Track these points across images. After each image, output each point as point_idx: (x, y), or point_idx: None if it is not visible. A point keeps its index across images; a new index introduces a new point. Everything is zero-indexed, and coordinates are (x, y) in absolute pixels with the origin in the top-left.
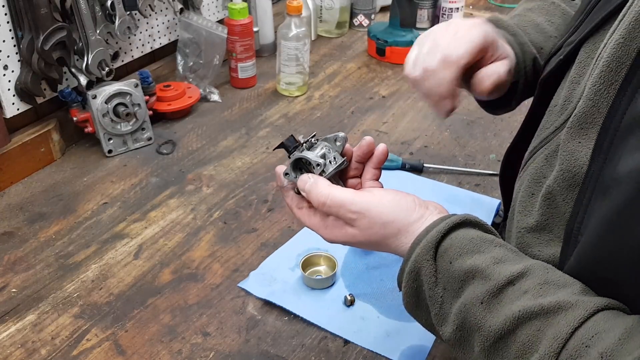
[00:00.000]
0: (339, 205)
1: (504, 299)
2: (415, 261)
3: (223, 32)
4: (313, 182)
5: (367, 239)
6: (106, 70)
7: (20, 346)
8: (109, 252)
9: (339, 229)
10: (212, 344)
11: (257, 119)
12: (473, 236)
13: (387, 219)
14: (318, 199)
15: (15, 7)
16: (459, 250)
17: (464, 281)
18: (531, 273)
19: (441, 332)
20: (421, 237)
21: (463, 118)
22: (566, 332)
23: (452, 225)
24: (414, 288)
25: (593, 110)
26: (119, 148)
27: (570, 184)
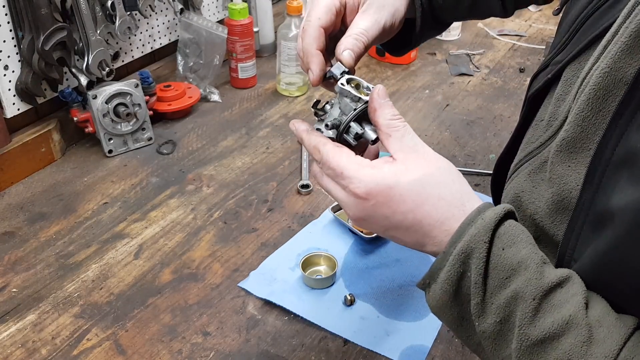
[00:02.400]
0: (411, 131)
1: (554, 300)
2: (469, 241)
3: (223, 33)
4: (386, 93)
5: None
6: (106, 70)
7: (20, 346)
8: (110, 252)
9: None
10: (212, 344)
11: (257, 119)
12: (523, 228)
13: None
14: (394, 110)
15: (15, 8)
16: (513, 239)
17: (514, 270)
18: (575, 277)
19: (477, 324)
20: (473, 216)
21: (463, 118)
22: (614, 352)
23: (507, 212)
24: (459, 273)
25: (582, 136)
26: (120, 148)
27: (559, 207)
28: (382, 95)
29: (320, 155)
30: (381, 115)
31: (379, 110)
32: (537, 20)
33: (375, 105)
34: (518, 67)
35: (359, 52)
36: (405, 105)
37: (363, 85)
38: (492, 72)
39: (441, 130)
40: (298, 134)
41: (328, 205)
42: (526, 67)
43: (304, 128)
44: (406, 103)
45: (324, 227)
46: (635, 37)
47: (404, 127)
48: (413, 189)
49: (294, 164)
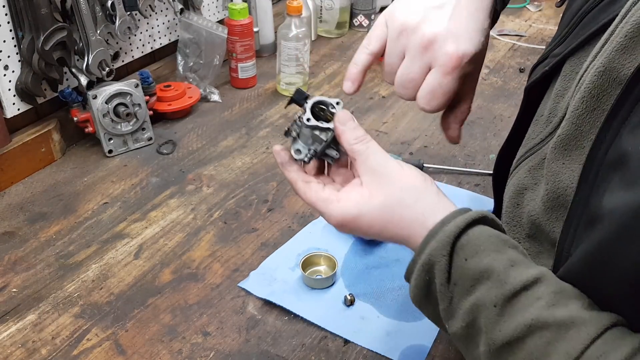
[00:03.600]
0: (375, 151)
1: (517, 305)
2: (429, 254)
3: (223, 33)
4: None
5: (381, 207)
6: (106, 70)
7: (20, 346)
8: (110, 252)
9: (352, 195)
10: (213, 344)
11: (257, 119)
12: (490, 234)
13: (408, 182)
14: (356, 133)
15: (15, 8)
16: (476, 249)
17: (477, 280)
18: (545, 279)
19: (448, 326)
20: (437, 229)
21: None
22: (578, 350)
23: (470, 222)
24: (425, 280)
25: (576, 134)
26: (120, 148)
27: (554, 204)
28: (342, 121)
29: (295, 188)
30: (344, 141)
31: (342, 137)
32: (537, 20)
33: (338, 133)
34: (518, 67)
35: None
36: (405, 105)
37: (328, 104)
38: (492, 72)
39: (441, 130)
40: (278, 164)
41: None
42: (526, 67)
43: (280, 160)
44: (406, 103)
45: (324, 227)
46: (630, 37)
47: (366, 149)
48: (376, 215)
49: None
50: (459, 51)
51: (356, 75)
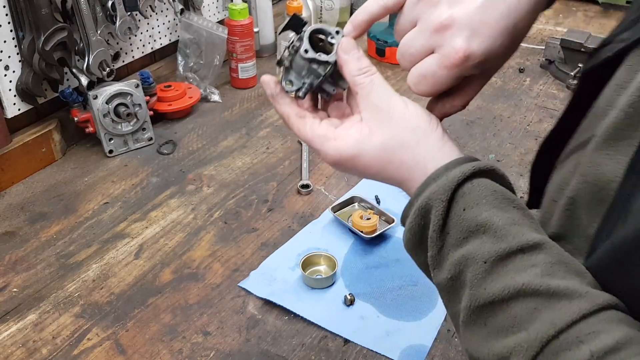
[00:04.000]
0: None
1: (509, 266)
2: (428, 198)
3: (223, 33)
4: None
5: (380, 147)
6: (107, 70)
7: (21, 345)
8: (110, 252)
9: (351, 132)
10: (213, 344)
11: (257, 119)
12: (495, 189)
13: (411, 123)
14: (360, 64)
15: (16, 8)
16: (477, 200)
17: (472, 232)
18: (546, 248)
19: (433, 275)
20: (439, 173)
21: (463, 118)
22: (565, 322)
23: (476, 171)
24: (420, 225)
25: (627, 123)
26: (120, 148)
27: (596, 197)
28: (346, 49)
29: (288, 123)
30: (347, 72)
31: (344, 67)
32: (537, 21)
33: (340, 63)
34: (518, 67)
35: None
36: None
37: (328, 33)
38: None
39: None
40: (268, 96)
41: (328, 205)
42: (526, 67)
43: (270, 92)
44: None
45: (324, 227)
46: None
47: (370, 82)
48: (375, 156)
49: (294, 164)
50: (467, 49)
51: (360, 22)
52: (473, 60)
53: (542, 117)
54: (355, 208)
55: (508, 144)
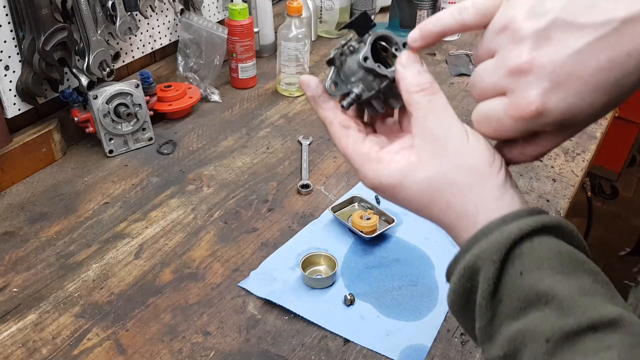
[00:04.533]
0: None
1: (577, 346)
2: (476, 256)
3: (223, 33)
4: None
5: (427, 183)
6: (107, 70)
7: (21, 345)
8: (110, 252)
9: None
10: (213, 343)
11: (257, 119)
12: (562, 250)
13: (468, 161)
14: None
15: (16, 8)
16: (537, 263)
17: (531, 303)
18: (625, 325)
19: (483, 349)
20: (492, 227)
21: (463, 118)
22: None
23: (537, 227)
24: (466, 288)
25: None
26: (120, 148)
27: None
28: (406, 63)
29: (329, 131)
30: (403, 88)
31: (401, 82)
32: None
33: (398, 77)
34: None
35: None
36: None
37: (394, 43)
38: None
39: None
40: (308, 98)
41: (328, 205)
42: None
43: (311, 94)
44: None
45: (324, 227)
46: None
47: (428, 103)
48: (419, 190)
49: (294, 164)
50: (540, 105)
51: (428, 33)
52: (547, 118)
53: None
54: (355, 208)
55: None
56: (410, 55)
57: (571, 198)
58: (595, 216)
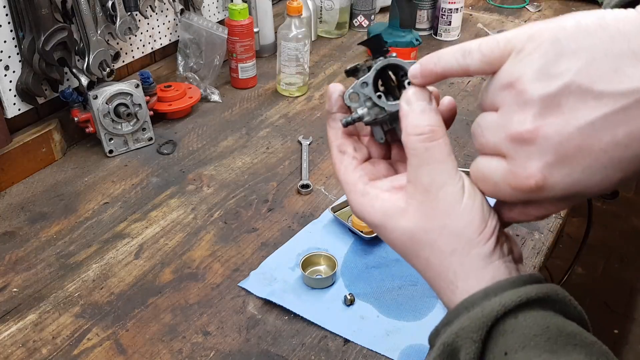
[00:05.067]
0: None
1: None
2: (456, 334)
3: (223, 33)
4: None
5: (409, 235)
6: (107, 70)
7: (21, 345)
8: (110, 252)
9: (384, 198)
10: (213, 343)
11: (257, 119)
12: (550, 324)
13: (455, 225)
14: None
15: (16, 8)
16: (524, 341)
17: None
18: None
19: None
20: (474, 300)
21: (463, 118)
22: None
23: (522, 302)
24: None
25: None
26: (120, 148)
27: None
28: (410, 99)
29: (330, 152)
30: (403, 127)
31: (403, 120)
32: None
33: (401, 113)
34: None
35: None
36: None
37: (404, 73)
38: None
39: None
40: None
41: (328, 205)
42: None
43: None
44: None
45: (324, 227)
46: None
47: (425, 152)
48: (400, 238)
49: (294, 164)
50: (540, 180)
51: (429, 73)
52: (548, 193)
53: None
54: None
55: None
56: (417, 91)
57: None
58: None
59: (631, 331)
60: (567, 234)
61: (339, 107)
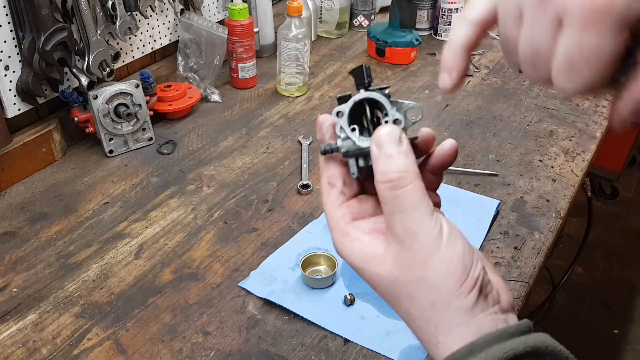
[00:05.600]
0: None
1: None
2: None
3: (223, 33)
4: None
5: (387, 283)
6: (107, 70)
7: (21, 345)
8: (110, 252)
9: (363, 240)
10: (213, 343)
11: (257, 119)
12: None
13: (434, 277)
14: (389, 166)
15: (16, 8)
16: None
17: None
18: None
19: None
20: (459, 357)
21: (462, 118)
22: None
23: (509, 357)
24: None
25: None
26: (120, 148)
27: None
28: (380, 141)
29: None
30: (375, 172)
31: (374, 164)
32: None
33: (372, 157)
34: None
35: None
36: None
37: (383, 109)
38: (492, 73)
39: (441, 130)
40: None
41: None
42: None
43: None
44: (405, 97)
45: (324, 227)
46: None
47: (393, 199)
48: (380, 286)
49: (294, 164)
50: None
51: (452, 63)
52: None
53: (542, 117)
54: None
55: (508, 144)
56: (387, 133)
57: (571, 198)
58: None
59: (631, 331)
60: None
61: (330, 136)
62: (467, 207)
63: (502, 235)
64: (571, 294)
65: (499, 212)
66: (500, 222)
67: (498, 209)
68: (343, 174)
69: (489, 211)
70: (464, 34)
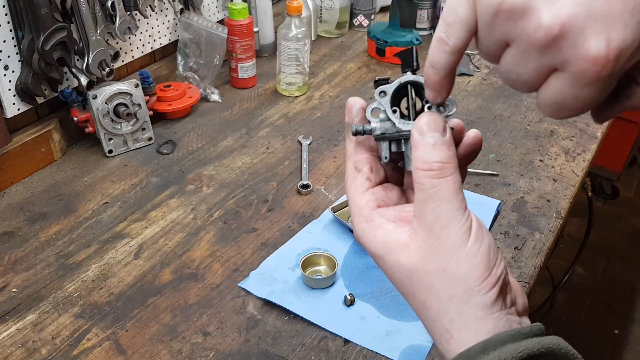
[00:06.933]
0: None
1: None
2: None
3: (223, 33)
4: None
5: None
6: (106, 70)
7: (20, 346)
8: (110, 252)
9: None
10: (213, 344)
11: (257, 119)
12: None
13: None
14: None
15: (15, 7)
16: None
17: None
18: None
19: None
20: (472, 354)
21: (463, 118)
22: None
23: (524, 357)
24: None
25: None
26: (120, 148)
27: None
28: (422, 128)
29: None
30: (414, 158)
31: (413, 150)
32: None
33: (412, 143)
34: None
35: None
36: None
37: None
38: (492, 72)
39: None
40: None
41: (328, 205)
42: None
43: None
44: None
45: (324, 227)
46: None
47: (431, 188)
48: (398, 275)
49: (294, 164)
50: (610, 50)
51: (438, 84)
52: (624, 57)
53: (542, 116)
54: None
55: (508, 143)
56: (431, 120)
57: (572, 198)
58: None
59: (631, 331)
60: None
61: (360, 120)
62: (468, 207)
63: (502, 235)
64: (572, 294)
65: (499, 212)
66: (501, 222)
67: (498, 209)
68: (371, 160)
69: (489, 211)
70: (445, 61)
